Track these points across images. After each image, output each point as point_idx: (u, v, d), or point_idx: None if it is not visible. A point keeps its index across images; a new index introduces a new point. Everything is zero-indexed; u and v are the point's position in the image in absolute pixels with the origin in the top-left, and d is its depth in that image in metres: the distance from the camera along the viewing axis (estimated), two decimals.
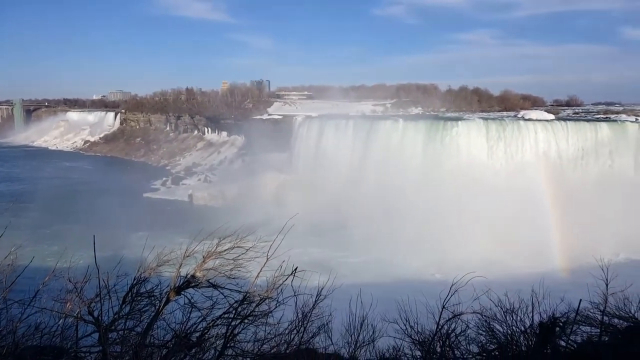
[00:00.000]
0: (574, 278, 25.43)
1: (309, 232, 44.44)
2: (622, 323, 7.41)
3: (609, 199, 43.21)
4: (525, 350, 6.77)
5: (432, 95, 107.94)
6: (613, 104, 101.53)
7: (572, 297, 7.74)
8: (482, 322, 7.45)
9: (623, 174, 50.49)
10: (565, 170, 51.45)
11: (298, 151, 69.29)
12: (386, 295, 8.73)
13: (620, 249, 34.42)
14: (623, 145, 52.41)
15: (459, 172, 52.09)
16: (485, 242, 37.44)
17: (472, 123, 56.98)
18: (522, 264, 34.03)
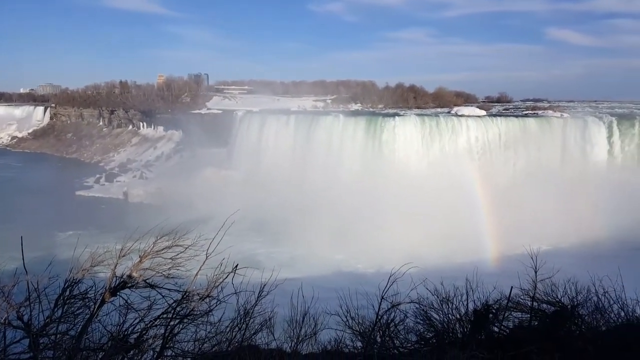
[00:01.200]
0: (505, 266, 26.87)
1: (250, 229, 44.12)
2: (550, 308, 7.91)
3: (537, 191, 46.01)
4: (461, 337, 7.08)
5: (371, 91, 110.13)
6: (540, 100, 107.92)
7: (504, 285, 8.17)
8: (420, 311, 7.70)
9: (550, 167, 53.91)
10: (495, 164, 54.23)
11: (239, 146, 68.38)
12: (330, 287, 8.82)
13: (547, 238, 36.63)
14: (549, 139, 55.95)
15: (395, 167, 53.76)
16: (417, 234, 38.68)
17: (409, 119, 58.81)
18: (457, 254, 35.49)
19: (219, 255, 6.12)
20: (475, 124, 57.21)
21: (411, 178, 49.96)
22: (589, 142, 55.02)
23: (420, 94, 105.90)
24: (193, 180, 62.45)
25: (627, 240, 38.03)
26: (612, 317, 7.63)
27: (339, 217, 43.47)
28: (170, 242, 6.11)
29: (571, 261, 24.53)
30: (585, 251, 36.90)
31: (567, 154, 55.29)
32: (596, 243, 39.13)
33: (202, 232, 6.46)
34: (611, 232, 39.97)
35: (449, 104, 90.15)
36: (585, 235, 40.30)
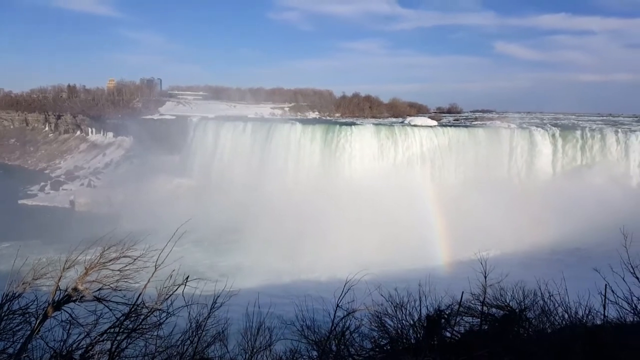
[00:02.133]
0: (457, 272, 27.61)
1: (204, 238, 43.33)
2: (499, 312, 8.18)
3: (486, 198, 47.63)
4: (415, 343, 7.18)
5: (328, 100, 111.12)
6: (489, 111, 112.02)
7: (455, 290, 8.37)
8: (374, 317, 7.76)
9: (498, 175, 56.04)
10: (446, 172, 55.82)
11: (192, 154, 67.08)
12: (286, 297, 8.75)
13: (496, 243, 37.86)
14: (497, 148, 58.16)
15: (352, 175, 54.45)
16: (373, 240, 39.20)
17: (365, 128, 59.73)
18: (410, 260, 36.13)
19: (169, 267, 5.94)
20: (428, 134, 58.80)
21: (367, 186, 50.65)
22: (534, 152, 57.61)
23: (375, 104, 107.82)
24: (144, 189, 60.64)
25: (570, 245, 39.98)
26: (556, 319, 7.96)
27: (295, 225, 43.33)
28: (118, 254, 5.88)
29: (519, 266, 25.55)
30: (532, 256, 38.53)
31: (513, 162, 57.66)
32: (542, 248, 40.96)
33: (151, 242, 6.26)
34: (556, 238, 41.93)
35: (403, 114, 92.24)
36: (532, 241, 42.05)
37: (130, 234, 6.42)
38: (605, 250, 7.22)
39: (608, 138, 56.47)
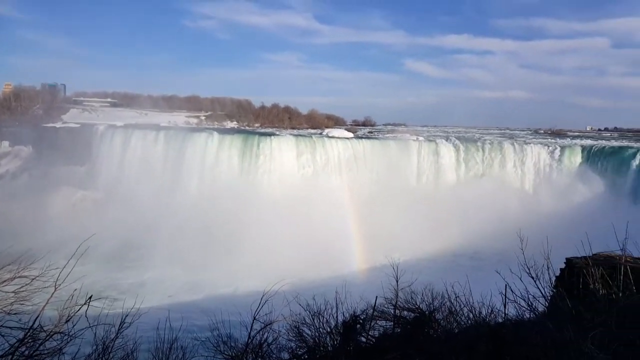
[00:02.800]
0: (371, 278, 28.39)
1: (111, 254, 40.79)
2: (410, 315, 8.54)
3: (398, 207, 49.75)
4: (332, 350, 7.28)
5: (247, 110, 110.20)
6: (400, 124, 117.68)
7: (370, 295, 8.62)
8: (292, 328, 7.77)
9: (408, 184, 58.86)
10: (361, 182, 57.55)
11: (99, 164, 62.98)
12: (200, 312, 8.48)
13: (406, 249, 39.50)
14: (407, 159, 61.13)
15: (271, 186, 54.31)
16: (292, 250, 39.29)
17: (284, 139, 59.97)
18: (328, 268, 36.68)
19: (71, 286, 5.51)
20: (344, 145, 60.45)
21: (286, 196, 50.81)
22: (439, 162, 61.31)
23: (294, 115, 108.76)
24: (44, 202, 55.84)
25: (473, 248, 42.79)
26: (463, 319, 8.45)
27: (209, 238, 42.13)
28: (12, 274, 5.36)
29: (427, 269, 26.83)
30: (439, 259, 40.83)
31: (422, 173, 60.92)
32: (448, 252, 43.53)
33: (52, 260, 5.78)
34: (460, 242, 44.76)
35: (321, 126, 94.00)
36: (438, 245, 44.53)
37: (28, 251, 5.89)
38: (504, 253, 7.81)
39: (505, 149, 61.45)
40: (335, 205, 49.87)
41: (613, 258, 7.92)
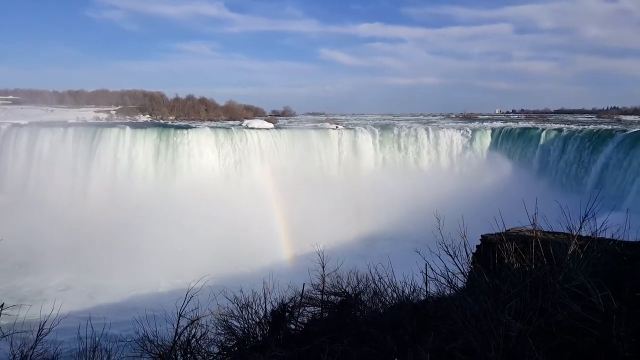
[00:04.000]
0: (298, 266, 28.60)
1: (18, 261, 37.67)
2: (337, 299, 8.69)
3: (321, 195, 50.46)
4: (262, 340, 7.23)
5: (160, 103, 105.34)
6: (319, 114, 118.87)
7: (297, 283, 8.66)
8: (221, 322, 7.62)
9: (330, 173, 59.89)
10: (285, 172, 57.57)
11: (3, 166, 57.52)
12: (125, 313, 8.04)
13: (331, 236, 40.24)
14: (329, 149, 62.07)
15: (192, 181, 52.66)
16: (217, 245, 38.51)
17: (202, 131, 58.29)
18: (255, 260, 36.42)
19: None
20: (265, 136, 60.03)
21: (208, 189, 49.58)
22: (359, 150, 62.96)
23: (211, 107, 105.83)
24: None
25: (394, 230, 44.37)
26: (387, 299, 8.75)
27: (127, 237, 40.02)
28: None
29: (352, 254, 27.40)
30: (363, 243, 42.18)
31: (342, 161, 62.21)
32: (371, 235, 45.04)
33: None
34: (382, 226, 46.39)
35: (240, 117, 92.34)
36: (362, 230, 45.92)
37: None
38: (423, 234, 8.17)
39: (420, 134, 64.31)
40: (259, 196, 49.55)
41: (525, 233, 8.55)
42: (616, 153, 48.53)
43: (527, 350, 4.29)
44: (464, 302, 5.86)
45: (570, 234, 6.53)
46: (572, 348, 4.68)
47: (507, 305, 5.04)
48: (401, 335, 6.01)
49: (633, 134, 49.76)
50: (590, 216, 6.37)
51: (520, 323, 4.60)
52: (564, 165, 54.01)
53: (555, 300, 5.16)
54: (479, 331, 4.70)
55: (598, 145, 51.46)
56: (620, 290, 4.97)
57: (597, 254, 5.89)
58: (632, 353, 4.20)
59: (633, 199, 41.52)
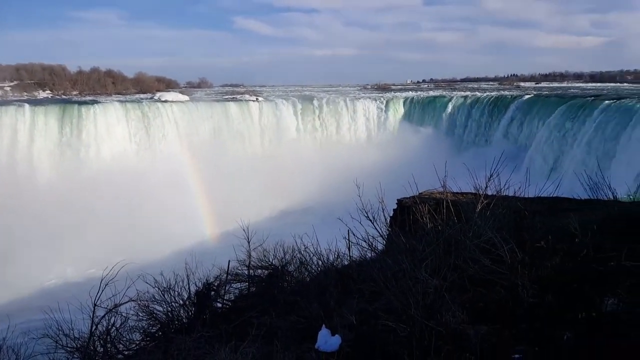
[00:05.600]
0: (223, 243, 28.23)
1: None
2: (264, 272, 8.70)
3: (244, 170, 49.80)
4: (187, 322, 7.07)
5: (62, 77, 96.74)
6: (238, 85, 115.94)
7: (223, 260, 8.53)
8: (142, 308, 7.33)
9: (252, 147, 59.04)
10: (204, 148, 55.86)
11: None
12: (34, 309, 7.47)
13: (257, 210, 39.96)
14: (249, 121, 61.01)
15: (100, 162, 49.43)
16: (132, 227, 36.89)
17: (110, 106, 54.56)
18: (177, 241, 35.33)
19: None
20: (181, 109, 57.52)
21: (121, 170, 46.82)
22: (280, 122, 62.58)
23: (119, 80, 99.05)
24: None
25: (317, 200, 45.08)
26: (313, 267, 8.91)
27: (32, 227, 37.05)
28: None
29: (277, 226, 27.63)
30: (288, 216, 42.46)
31: (265, 133, 61.55)
32: (295, 207, 45.44)
33: None
34: (306, 196, 46.93)
35: (151, 90, 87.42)
36: (286, 203, 46.17)
37: None
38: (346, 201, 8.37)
39: (339, 105, 65.20)
40: (176, 174, 47.72)
41: (436, 195, 9.02)
42: (517, 114, 53.05)
43: (444, 304, 4.55)
44: (384, 264, 6.10)
45: (478, 194, 6.99)
46: (483, 299, 5.05)
47: (424, 263, 5.31)
48: (327, 300, 6.15)
49: (529, 99, 54.64)
50: (494, 176, 6.85)
51: (436, 279, 4.86)
52: (470, 130, 57.97)
53: (467, 255, 5.52)
54: (399, 290, 4.91)
55: (501, 109, 55.86)
56: (523, 243, 5.41)
57: (501, 211, 6.35)
58: (535, 299, 4.61)
59: (534, 153, 45.71)
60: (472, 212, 6.45)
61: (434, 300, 4.59)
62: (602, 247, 4.78)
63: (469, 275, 5.32)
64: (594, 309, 4.31)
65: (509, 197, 6.90)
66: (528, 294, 4.68)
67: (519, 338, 4.28)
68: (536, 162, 44.08)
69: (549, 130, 46.18)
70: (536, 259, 5.04)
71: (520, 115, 52.76)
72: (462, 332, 4.27)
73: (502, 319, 4.57)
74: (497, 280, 5.06)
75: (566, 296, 4.39)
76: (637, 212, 5.86)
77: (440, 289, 4.70)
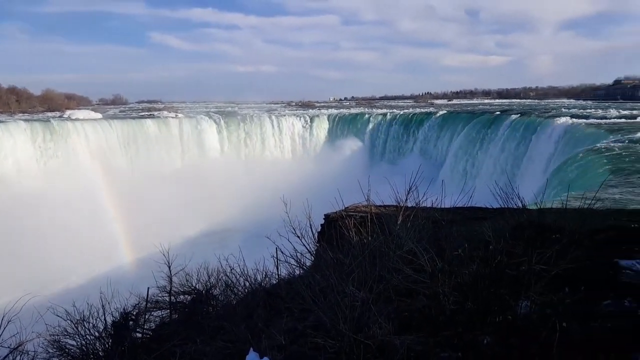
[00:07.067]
0: (143, 269, 26.84)
1: None
2: (187, 297, 8.31)
3: (164, 190, 47.88)
4: (103, 355, 6.57)
5: None
6: (155, 101, 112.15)
7: (142, 287, 8.06)
8: (52, 343, 6.71)
9: (172, 165, 57.08)
10: (120, 168, 53.18)
11: None
12: None
13: (178, 232, 38.61)
14: (168, 139, 59.01)
15: (4, 186, 45.28)
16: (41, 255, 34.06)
17: (14, 126, 50.38)
18: (91, 269, 33.12)
19: None
20: (94, 128, 54.40)
21: (26, 193, 43.15)
22: (203, 140, 61.23)
23: (24, 97, 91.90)
24: None
25: (245, 220, 44.33)
26: (240, 289, 8.66)
27: None
28: None
29: (202, 248, 26.79)
30: (213, 236, 41.31)
31: (185, 151, 59.84)
32: (221, 227, 44.35)
33: None
34: (233, 216, 46.00)
35: (61, 107, 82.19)
36: (211, 223, 44.96)
37: None
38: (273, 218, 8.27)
39: (264, 122, 65.17)
40: (90, 198, 44.82)
41: (362, 208, 9.20)
42: (433, 130, 56.33)
43: (372, 316, 4.59)
44: (313, 280, 6.07)
45: (399, 206, 7.23)
46: (408, 308, 5.17)
47: (351, 277, 5.35)
48: (255, 322, 5.99)
49: (442, 116, 58.35)
50: (414, 189, 7.15)
51: (363, 292, 4.91)
52: (390, 145, 60.71)
53: (391, 266, 5.65)
54: (328, 305, 4.90)
55: (417, 125, 59.10)
56: (442, 251, 5.64)
57: (421, 222, 6.60)
58: (456, 306, 4.79)
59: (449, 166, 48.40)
60: (394, 224, 6.64)
61: (361, 313, 4.62)
62: (514, 253, 5.09)
63: (394, 286, 5.43)
64: (510, 312, 4.55)
65: (427, 209, 7.20)
66: (449, 301, 4.85)
67: (443, 345, 4.41)
68: (451, 174, 46.71)
69: (462, 144, 49.27)
70: (455, 267, 5.26)
71: (435, 131, 56.05)
72: (389, 343, 4.32)
73: (426, 327, 4.70)
74: (420, 289, 5.21)
75: (484, 301, 4.60)
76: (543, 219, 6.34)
77: (367, 301, 4.74)
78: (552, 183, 23.14)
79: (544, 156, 35.39)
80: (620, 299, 4.84)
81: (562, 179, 23.59)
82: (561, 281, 4.92)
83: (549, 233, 5.95)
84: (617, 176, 19.10)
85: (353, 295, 4.86)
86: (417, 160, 52.25)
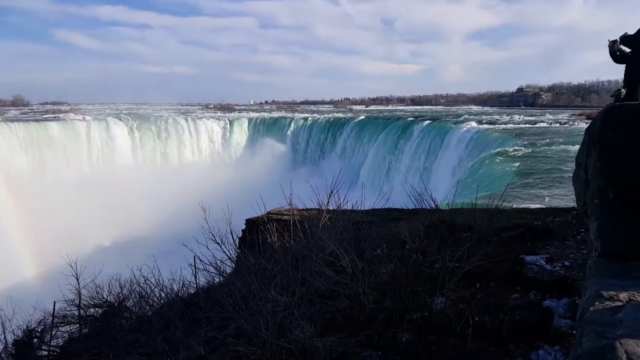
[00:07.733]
0: (48, 282, 24.82)
1: None
2: (98, 311, 7.79)
3: (70, 197, 44.64)
4: None
5: None
6: (61, 103, 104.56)
7: (48, 302, 7.46)
8: None
9: (79, 170, 53.37)
10: (21, 174, 48.89)
11: None
12: None
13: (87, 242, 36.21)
14: (75, 143, 55.13)
15: None
16: None
17: None
18: None
19: None
20: None
21: None
22: (113, 144, 57.91)
23: None
24: None
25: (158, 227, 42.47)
26: (155, 300, 8.26)
27: None
28: None
29: (113, 259, 25.33)
30: (126, 246, 39.11)
31: (94, 156, 56.29)
32: (134, 236, 42.07)
33: None
34: (148, 223, 43.81)
35: None
36: (123, 231, 42.54)
37: None
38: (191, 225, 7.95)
39: (180, 125, 63.02)
40: None
41: (284, 212, 9.18)
42: (352, 134, 57.84)
43: (294, 320, 4.58)
44: (233, 287, 5.94)
45: (321, 209, 7.30)
46: (330, 310, 5.22)
47: (273, 282, 5.30)
48: (172, 334, 5.74)
49: (361, 121, 60.18)
50: (335, 192, 7.26)
51: (285, 296, 4.88)
52: (311, 149, 61.39)
53: (313, 269, 5.68)
54: (249, 312, 4.82)
55: (337, 129, 60.39)
56: (362, 252, 5.77)
57: (342, 224, 6.72)
58: (376, 305, 4.92)
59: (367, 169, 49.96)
60: (316, 227, 6.69)
61: (283, 318, 4.59)
62: (428, 251, 5.33)
63: (317, 289, 5.47)
64: (427, 309, 4.76)
65: (348, 211, 7.34)
66: (369, 300, 4.97)
67: (364, 344, 4.50)
68: (369, 177, 48.20)
69: (379, 148, 51.05)
70: (374, 267, 5.41)
71: (354, 135, 57.59)
72: (311, 347, 4.33)
73: (348, 328, 4.78)
74: (342, 290, 5.29)
75: (402, 299, 4.76)
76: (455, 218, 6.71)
77: (289, 305, 4.73)
78: (462, 184, 24.65)
79: (454, 159, 37.61)
80: (526, 293, 5.25)
81: (471, 180, 25.23)
82: (473, 277, 5.24)
83: (460, 232, 6.31)
84: (521, 177, 20.79)
85: (275, 300, 4.82)
86: (338, 164, 53.21)
